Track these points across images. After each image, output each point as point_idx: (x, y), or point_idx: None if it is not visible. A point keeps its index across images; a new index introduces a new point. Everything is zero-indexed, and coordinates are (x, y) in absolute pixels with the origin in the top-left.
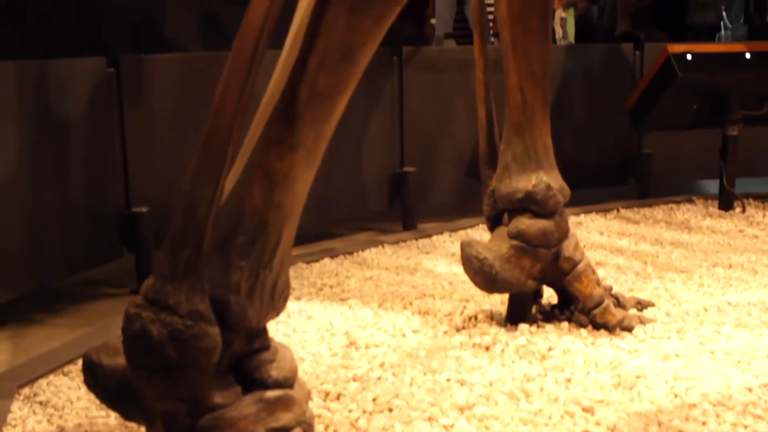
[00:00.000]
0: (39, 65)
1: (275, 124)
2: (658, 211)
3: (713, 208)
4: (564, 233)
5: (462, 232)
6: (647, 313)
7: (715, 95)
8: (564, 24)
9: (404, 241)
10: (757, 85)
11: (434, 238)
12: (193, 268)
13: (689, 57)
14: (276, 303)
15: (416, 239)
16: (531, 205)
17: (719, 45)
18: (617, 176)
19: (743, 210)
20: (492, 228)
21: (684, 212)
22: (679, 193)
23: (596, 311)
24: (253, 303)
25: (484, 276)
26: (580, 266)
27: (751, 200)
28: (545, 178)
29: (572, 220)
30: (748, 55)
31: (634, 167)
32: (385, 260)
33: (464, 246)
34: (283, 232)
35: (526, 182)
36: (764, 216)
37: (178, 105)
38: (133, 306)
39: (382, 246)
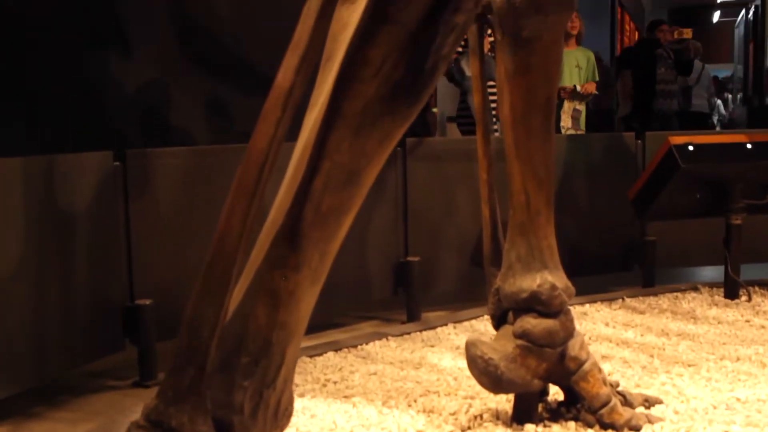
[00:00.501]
0: (46, 160)
1: (280, 245)
2: (664, 300)
3: (719, 297)
4: (569, 332)
5: (467, 323)
6: (655, 410)
7: (717, 185)
8: (577, 115)
9: (408, 333)
10: (760, 175)
11: (439, 330)
12: (196, 389)
13: (691, 148)
14: (279, 421)
15: (420, 331)
16: (536, 305)
17: (721, 135)
18: (621, 264)
19: (749, 299)
20: (497, 326)
21: (689, 301)
22: (684, 280)
23: (603, 411)
24: (257, 423)
25: (489, 376)
26: (586, 366)
27: (756, 288)
28: (550, 278)
29: (577, 310)
30: (749, 146)
31: (638, 254)
32: (389, 354)
33: (469, 346)
34: (287, 350)
35: (530, 282)
36: None
37: (183, 198)
38: (135, 427)
39: (387, 339)
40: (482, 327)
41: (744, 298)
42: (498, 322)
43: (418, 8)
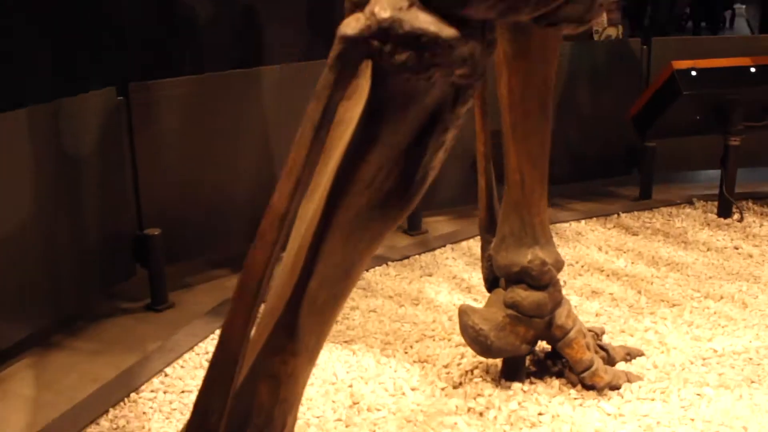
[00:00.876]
0: (51, 107)
1: (278, 334)
2: (658, 218)
3: (712, 215)
4: (557, 302)
5: (464, 245)
6: (636, 363)
7: (718, 107)
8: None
9: (407, 257)
10: (761, 97)
11: (437, 253)
12: None
13: (694, 73)
14: None
15: (419, 254)
16: (526, 278)
17: (725, 60)
18: (622, 168)
19: (741, 218)
20: (489, 288)
21: (683, 219)
22: (683, 182)
23: (586, 374)
24: None
25: (480, 345)
26: (572, 333)
27: (750, 203)
28: (540, 254)
29: (573, 228)
30: (753, 69)
31: (638, 160)
32: (389, 284)
33: (462, 314)
34: (288, 419)
35: (522, 257)
36: (761, 226)
37: (186, 127)
38: None
39: (387, 265)
40: (478, 250)
41: (736, 216)
42: (490, 285)
43: (408, 130)
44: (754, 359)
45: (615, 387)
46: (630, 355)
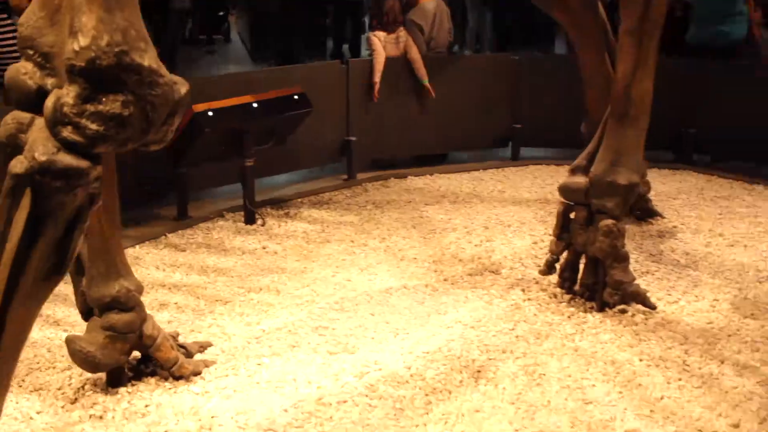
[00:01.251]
0: None
1: None
2: (198, 234)
3: (241, 224)
4: (143, 318)
5: None
6: (209, 353)
7: (234, 137)
8: None
9: None
10: (264, 126)
11: None
12: None
13: (210, 113)
14: None
15: None
16: (117, 305)
17: (234, 99)
18: (157, 193)
19: (263, 223)
20: (86, 318)
21: (219, 231)
22: (212, 197)
23: (174, 369)
24: None
25: (89, 363)
26: (159, 340)
27: (269, 209)
28: (125, 284)
29: (131, 254)
30: (255, 104)
31: (173, 184)
32: None
33: (69, 343)
34: None
35: (111, 289)
36: (279, 227)
37: None
38: None
39: None
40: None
41: (260, 222)
42: (86, 316)
43: (62, 226)
44: (291, 330)
45: (197, 373)
46: (203, 347)
